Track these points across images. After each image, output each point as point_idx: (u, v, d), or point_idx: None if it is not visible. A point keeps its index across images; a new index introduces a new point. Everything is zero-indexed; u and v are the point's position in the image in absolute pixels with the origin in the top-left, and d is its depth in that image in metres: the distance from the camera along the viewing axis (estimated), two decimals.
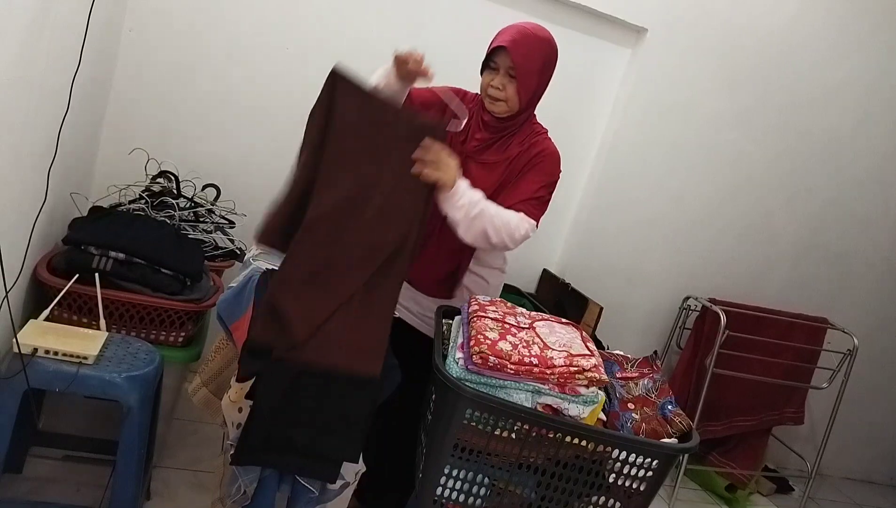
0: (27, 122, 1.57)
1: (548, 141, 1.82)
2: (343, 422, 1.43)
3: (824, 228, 3.26)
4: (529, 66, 1.70)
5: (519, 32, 1.70)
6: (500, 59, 1.72)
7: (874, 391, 3.56)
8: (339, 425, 1.43)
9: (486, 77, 1.76)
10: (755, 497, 3.17)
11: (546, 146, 1.80)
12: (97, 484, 1.87)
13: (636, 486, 1.36)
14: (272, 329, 1.38)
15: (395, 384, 1.48)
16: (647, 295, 3.11)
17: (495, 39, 1.74)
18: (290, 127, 2.60)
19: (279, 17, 2.49)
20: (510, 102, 1.73)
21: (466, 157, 1.79)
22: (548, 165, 1.79)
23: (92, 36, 1.75)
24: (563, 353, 1.39)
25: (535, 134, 1.82)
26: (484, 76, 1.77)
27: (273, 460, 1.45)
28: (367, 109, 1.48)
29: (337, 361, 1.39)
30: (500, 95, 1.73)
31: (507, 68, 1.71)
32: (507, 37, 1.70)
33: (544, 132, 1.84)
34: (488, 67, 1.75)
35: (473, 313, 1.49)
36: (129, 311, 1.84)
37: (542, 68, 1.74)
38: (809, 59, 2.99)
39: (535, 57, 1.71)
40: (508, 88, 1.72)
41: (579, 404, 1.36)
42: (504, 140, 1.80)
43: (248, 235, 2.22)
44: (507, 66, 1.70)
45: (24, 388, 1.48)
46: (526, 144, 1.79)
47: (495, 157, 1.79)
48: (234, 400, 1.57)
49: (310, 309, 1.39)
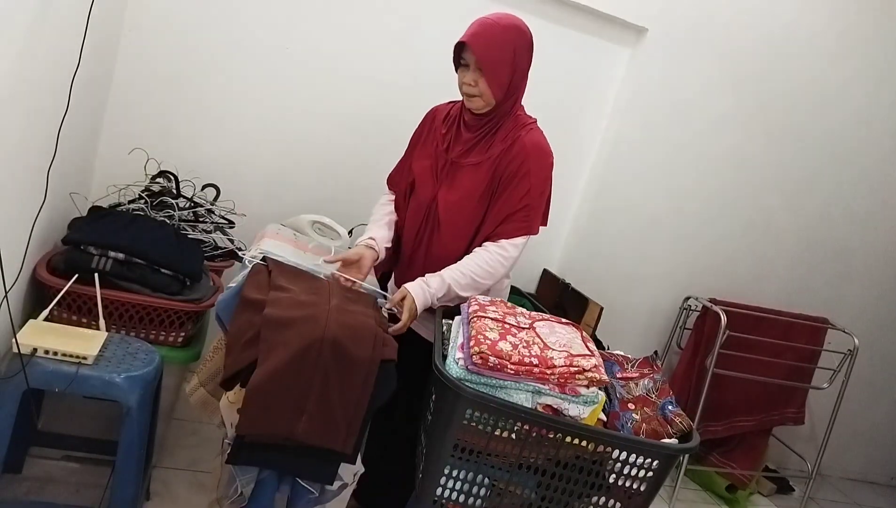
0: (27, 122, 1.57)
1: (533, 133, 1.77)
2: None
3: (824, 227, 3.26)
4: (495, 56, 1.67)
5: (480, 25, 1.68)
6: (467, 54, 1.70)
7: (874, 392, 3.56)
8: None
9: (460, 75, 1.74)
10: (755, 498, 3.17)
11: (529, 140, 1.74)
12: (97, 484, 1.87)
13: (636, 486, 1.36)
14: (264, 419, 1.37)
15: (392, 387, 1.48)
16: (647, 295, 3.11)
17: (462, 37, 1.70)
18: (289, 127, 2.62)
19: (279, 17, 2.48)
20: (485, 96, 1.71)
21: (452, 163, 1.79)
22: (534, 169, 1.73)
23: (92, 36, 1.75)
24: (564, 353, 1.38)
25: (519, 127, 1.77)
26: (458, 74, 1.75)
27: (270, 459, 1.44)
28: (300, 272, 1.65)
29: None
30: (474, 90, 1.71)
31: (475, 63, 1.69)
32: (468, 31, 1.68)
33: (531, 123, 1.80)
34: (460, 64, 1.73)
35: (473, 314, 1.49)
36: (129, 311, 1.84)
37: (513, 57, 1.69)
38: (810, 59, 2.98)
39: (500, 47, 1.67)
40: (480, 82, 1.69)
41: (579, 404, 1.36)
42: (487, 138, 1.78)
43: (247, 235, 2.23)
44: (475, 60, 1.68)
45: (24, 388, 1.48)
46: (509, 139, 1.75)
47: (479, 157, 1.77)
48: (233, 401, 1.56)
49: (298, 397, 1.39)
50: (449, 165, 1.80)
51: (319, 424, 1.38)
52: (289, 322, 1.40)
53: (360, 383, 1.41)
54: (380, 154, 2.69)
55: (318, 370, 1.37)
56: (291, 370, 1.36)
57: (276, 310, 1.42)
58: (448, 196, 1.79)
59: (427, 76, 2.61)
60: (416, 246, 1.85)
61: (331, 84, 2.58)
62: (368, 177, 2.69)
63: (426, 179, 1.84)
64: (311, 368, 1.37)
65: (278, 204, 2.56)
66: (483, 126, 1.78)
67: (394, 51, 2.61)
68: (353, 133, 2.65)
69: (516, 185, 1.73)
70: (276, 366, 1.35)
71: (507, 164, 1.74)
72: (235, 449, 1.40)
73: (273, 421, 1.37)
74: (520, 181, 1.73)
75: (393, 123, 2.66)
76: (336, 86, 2.59)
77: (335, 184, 2.68)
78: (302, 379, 1.37)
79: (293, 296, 1.49)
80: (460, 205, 1.78)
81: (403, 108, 2.65)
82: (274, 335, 1.38)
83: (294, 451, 1.41)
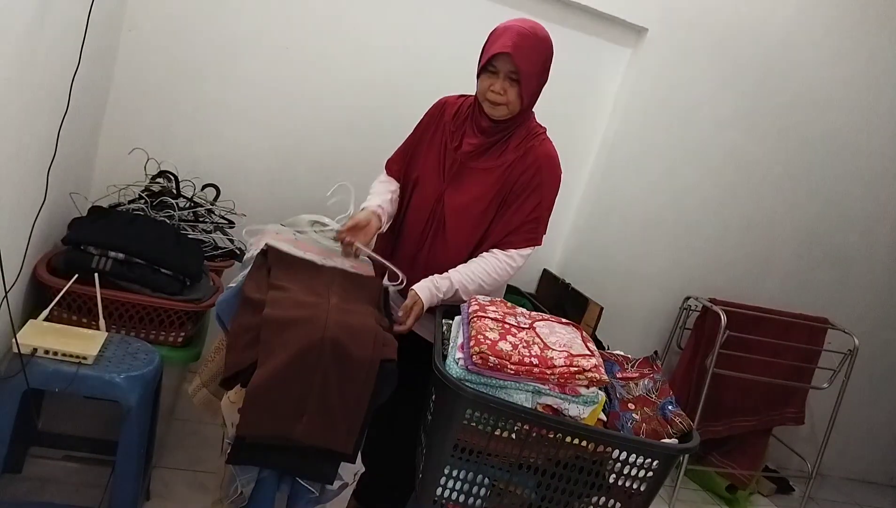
0: (27, 122, 1.57)
1: (546, 144, 1.78)
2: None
3: (824, 228, 3.26)
4: (532, 69, 1.67)
5: (519, 36, 1.65)
6: (501, 63, 1.66)
7: (874, 392, 3.56)
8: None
9: (485, 81, 1.69)
10: (756, 498, 3.17)
11: (543, 152, 1.76)
12: (97, 484, 1.87)
13: (636, 486, 1.36)
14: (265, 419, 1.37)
15: (392, 386, 1.47)
16: (647, 295, 3.11)
17: (494, 43, 1.67)
18: (289, 127, 2.62)
19: (279, 17, 2.49)
20: (511, 105, 1.69)
21: (461, 164, 1.77)
22: (546, 181, 1.75)
23: (92, 36, 1.75)
24: (564, 353, 1.38)
25: (532, 136, 1.77)
26: (482, 80, 1.70)
27: (270, 459, 1.44)
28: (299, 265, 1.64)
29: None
30: (502, 99, 1.68)
31: (509, 72, 1.66)
32: (508, 41, 1.65)
33: (542, 132, 1.80)
34: (487, 70, 1.69)
35: (473, 314, 1.49)
36: (129, 311, 1.84)
37: (542, 69, 1.72)
38: (810, 59, 2.99)
39: (537, 59, 1.68)
40: (510, 91, 1.67)
41: (579, 404, 1.36)
42: (500, 144, 1.77)
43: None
44: (509, 70, 1.66)
45: (24, 388, 1.48)
46: (522, 148, 1.75)
47: (491, 162, 1.76)
48: (234, 401, 1.56)
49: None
50: (457, 165, 1.78)
51: (319, 424, 1.38)
52: (288, 323, 1.40)
53: (361, 382, 1.41)
54: (380, 154, 2.69)
55: (318, 371, 1.37)
56: (291, 372, 1.36)
57: (276, 311, 1.42)
58: (456, 198, 1.77)
59: (427, 76, 2.61)
60: (419, 246, 1.84)
61: (331, 84, 2.58)
62: (369, 177, 2.69)
63: (431, 176, 1.82)
64: (310, 369, 1.37)
65: (278, 204, 2.56)
66: (499, 132, 1.76)
67: (393, 51, 2.61)
68: (353, 133, 2.65)
69: (528, 196, 1.74)
70: (275, 367, 1.35)
71: (519, 174, 1.74)
72: (236, 450, 1.40)
73: (273, 422, 1.36)
74: (532, 193, 1.74)
75: (393, 123, 2.66)
76: (336, 86, 2.59)
77: (335, 184, 2.67)
78: (302, 380, 1.37)
79: (292, 296, 1.49)
80: (468, 209, 1.76)
81: (403, 108, 2.65)
82: (273, 337, 1.38)
83: (295, 451, 1.41)
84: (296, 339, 1.37)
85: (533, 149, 1.75)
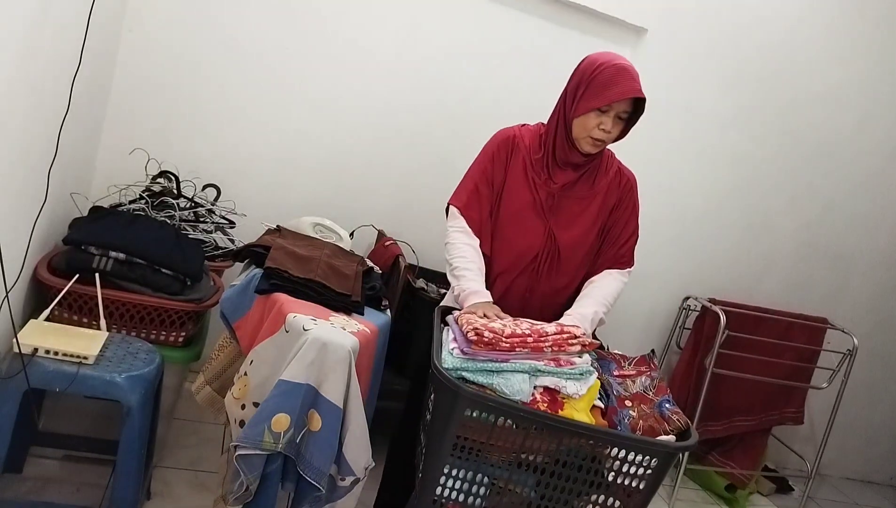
0: (27, 122, 1.57)
1: (617, 160, 1.85)
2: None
3: (824, 228, 3.26)
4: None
5: (634, 78, 1.65)
6: (618, 103, 1.64)
7: (874, 391, 3.56)
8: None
9: (594, 119, 1.66)
10: (755, 497, 3.16)
11: (626, 170, 1.85)
12: (97, 484, 1.87)
13: (636, 484, 1.37)
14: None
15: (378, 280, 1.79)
16: (647, 295, 3.11)
17: (614, 87, 1.63)
18: (290, 127, 2.62)
19: (279, 17, 2.49)
20: (608, 141, 1.71)
21: (557, 196, 1.76)
22: (637, 198, 1.86)
23: (92, 36, 1.76)
24: (554, 324, 1.50)
25: (608, 155, 1.83)
26: (590, 118, 1.66)
27: (291, 284, 1.74)
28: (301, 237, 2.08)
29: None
30: (608, 137, 1.68)
31: (621, 112, 1.66)
32: (637, 85, 1.64)
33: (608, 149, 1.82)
34: (597, 109, 1.65)
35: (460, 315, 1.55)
36: (130, 311, 1.84)
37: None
38: (810, 59, 2.99)
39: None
40: (615, 130, 1.68)
41: (575, 379, 1.40)
42: (590, 173, 1.79)
43: (248, 235, 2.23)
44: (622, 109, 1.65)
45: (25, 388, 1.48)
46: (610, 170, 1.81)
47: (586, 190, 1.78)
48: (238, 397, 1.57)
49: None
50: (554, 199, 1.76)
51: (332, 279, 1.79)
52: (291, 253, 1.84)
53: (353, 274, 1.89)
54: (380, 154, 2.70)
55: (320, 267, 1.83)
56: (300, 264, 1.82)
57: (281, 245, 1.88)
58: (566, 233, 1.77)
59: (427, 78, 2.61)
60: (534, 279, 1.79)
61: (331, 84, 2.59)
62: (369, 178, 2.71)
63: (529, 213, 1.77)
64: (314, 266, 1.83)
65: (279, 204, 2.56)
66: (589, 162, 1.77)
67: (394, 52, 2.61)
68: (353, 134, 2.65)
69: (630, 216, 1.84)
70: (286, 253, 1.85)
71: (618, 195, 1.81)
72: (265, 279, 1.72)
73: (295, 265, 1.78)
74: (631, 212, 1.84)
75: (393, 123, 2.67)
76: (336, 86, 2.59)
77: (336, 185, 2.68)
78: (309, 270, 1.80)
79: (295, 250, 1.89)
80: (582, 241, 1.79)
81: (403, 108, 2.66)
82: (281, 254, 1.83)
83: (315, 284, 1.75)
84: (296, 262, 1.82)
85: (619, 168, 1.83)
